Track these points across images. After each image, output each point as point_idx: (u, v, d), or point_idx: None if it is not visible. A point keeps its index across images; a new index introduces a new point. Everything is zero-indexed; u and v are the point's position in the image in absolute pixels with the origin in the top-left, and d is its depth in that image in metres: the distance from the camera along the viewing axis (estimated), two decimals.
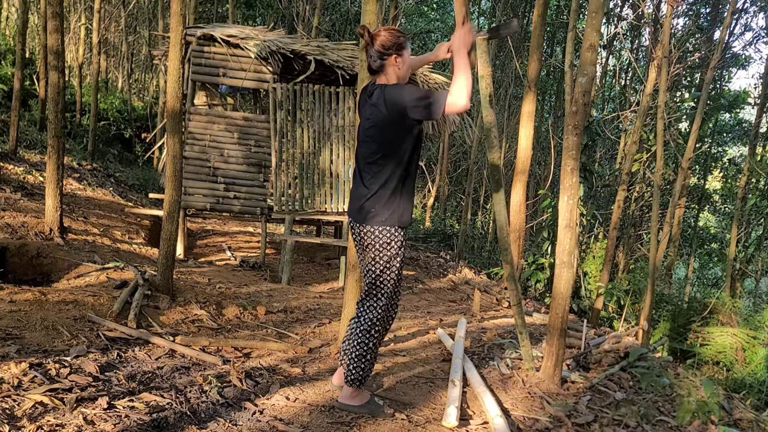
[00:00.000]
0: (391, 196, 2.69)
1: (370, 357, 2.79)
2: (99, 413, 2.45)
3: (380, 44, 2.68)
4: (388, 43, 2.68)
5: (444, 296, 6.89)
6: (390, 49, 2.68)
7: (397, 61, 2.70)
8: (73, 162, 10.41)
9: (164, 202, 4.51)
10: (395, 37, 2.70)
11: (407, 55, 2.73)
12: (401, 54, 2.70)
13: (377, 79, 2.77)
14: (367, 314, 2.79)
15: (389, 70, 2.72)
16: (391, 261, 2.74)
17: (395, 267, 2.76)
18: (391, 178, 2.68)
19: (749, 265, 13.64)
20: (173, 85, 4.42)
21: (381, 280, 2.76)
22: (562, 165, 3.45)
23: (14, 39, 13.73)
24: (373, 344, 2.78)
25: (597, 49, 3.45)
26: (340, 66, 7.08)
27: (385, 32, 2.71)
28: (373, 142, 2.69)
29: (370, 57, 2.73)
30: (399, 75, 2.73)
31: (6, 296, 3.76)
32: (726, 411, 3.34)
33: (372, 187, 2.69)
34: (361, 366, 2.78)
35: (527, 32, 15.27)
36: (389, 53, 2.68)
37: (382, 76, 2.74)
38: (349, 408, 2.85)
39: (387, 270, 2.75)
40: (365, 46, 2.76)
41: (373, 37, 2.70)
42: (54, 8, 5.76)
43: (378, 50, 2.69)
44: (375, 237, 2.71)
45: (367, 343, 2.77)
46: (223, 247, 8.59)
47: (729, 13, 8.96)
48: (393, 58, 2.69)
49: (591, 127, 8.67)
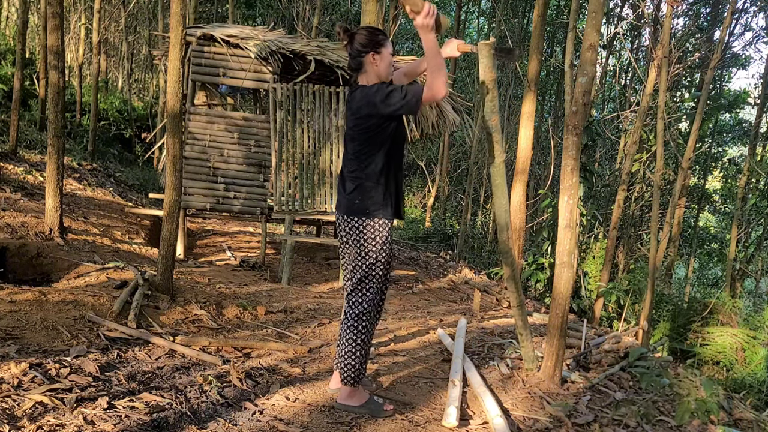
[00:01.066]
0: (374, 189, 2.75)
1: (361, 354, 2.78)
2: (99, 413, 2.45)
3: (358, 42, 2.74)
4: (364, 40, 2.73)
5: (444, 296, 6.89)
6: (367, 46, 2.72)
7: (374, 58, 2.73)
8: (73, 162, 10.41)
9: (164, 202, 4.51)
10: (372, 34, 2.75)
11: (386, 53, 2.75)
12: (379, 51, 2.73)
13: (359, 79, 2.82)
14: (353, 309, 2.80)
15: (368, 68, 2.76)
16: (378, 255, 2.77)
17: (381, 260, 2.79)
18: (372, 172, 2.74)
19: (749, 265, 13.64)
20: (173, 85, 4.42)
21: (368, 274, 2.78)
22: (562, 165, 3.45)
23: (14, 39, 13.73)
24: (362, 339, 2.78)
25: (597, 49, 3.45)
26: (340, 66, 7.08)
27: (363, 31, 2.77)
28: (353, 141, 2.77)
29: (349, 55, 2.79)
30: (379, 73, 2.76)
31: (6, 296, 3.76)
32: (726, 411, 3.34)
33: (355, 182, 2.76)
34: (352, 363, 2.78)
35: (527, 32, 15.27)
36: (366, 50, 2.73)
37: (363, 76, 2.79)
38: (349, 408, 2.85)
39: (374, 264, 2.78)
40: (345, 46, 2.80)
41: (351, 37, 2.75)
42: (54, 8, 5.75)
43: (356, 48, 2.74)
44: (360, 230, 2.75)
45: (354, 339, 2.77)
46: (223, 247, 8.59)
47: (729, 13, 8.96)
48: (371, 55, 2.73)
49: (591, 127, 8.67)
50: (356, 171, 2.77)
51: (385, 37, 2.77)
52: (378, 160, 2.75)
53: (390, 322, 4.97)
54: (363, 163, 2.75)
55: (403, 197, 2.95)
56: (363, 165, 2.75)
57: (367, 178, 2.75)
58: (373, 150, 2.74)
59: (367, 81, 2.78)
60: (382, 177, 2.77)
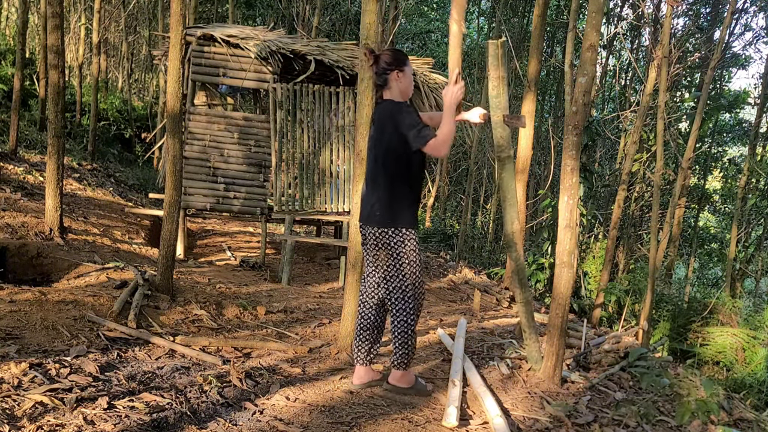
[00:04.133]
0: (398, 200, 2.99)
1: (412, 342, 3.11)
2: (99, 413, 2.45)
3: (383, 61, 3.04)
4: (390, 59, 3.03)
5: (444, 296, 6.89)
6: (392, 64, 3.02)
7: (398, 75, 3.03)
8: (73, 162, 10.41)
9: (164, 202, 4.51)
10: (396, 54, 3.06)
11: (408, 72, 3.06)
12: (402, 69, 3.03)
13: (384, 94, 3.09)
14: (403, 307, 3.06)
15: (392, 85, 3.04)
16: (408, 260, 3.02)
17: (414, 264, 3.04)
18: (397, 183, 2.99)
19: (749, 265, 13.64)
20: (173, 85, 4.42)
21: (408, 278, 3.04)
22: (562, 165, 3.45)
23: (14, 39, 13.73)
24: (412, 330, 3.10)
25: (597, 49, 3.45)
26: (340, 66, 7.08)
27: (388, 51, 3.09)
28: (380, 151, 3.01)
29: (375, 74, 3.09)
30: (401, 89, 3.06)
31: (6, 296, 3.76)
32: (726, 411, 3.34)
33: (380, 192, 3.01)
34: (406, 351, 3.10)
35: (527, 32, 15.27)
36: (391, 68, 3.02)
37: (387, 91, 3.07)
38: (398, 389, 3.16)
39: (411, 268, 3.03)
40: (370, 66, 3.14)
41: (377, 57, 3.06)
42: (54, 8, 5.75)
43: (382, 66, 3.04)
44: (391, 240, 3.00)
45: (406, 331, 3.07)
46: (223, 247, 8.59)
47: (729, 13, 8.96)
48: (395, 73, 3.02)
49: (591, 127, 8.66)
50: (382, 183, 3.00)
51: (407, 58, 3.08)
52: (403, 174, 2.99)
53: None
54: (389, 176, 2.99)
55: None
56: (388, 177, 2.99)
57: (393, 189, 2.99)
58: (399, 162, 2.97)
59: (391, 96, 3.06)
60: (407, 189, 3.01)
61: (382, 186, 2.99)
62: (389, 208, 2.98)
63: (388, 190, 2.98)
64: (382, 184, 2.99)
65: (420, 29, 19.09)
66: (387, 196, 2.98)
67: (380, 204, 2.99)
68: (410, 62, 3.09)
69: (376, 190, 3.01)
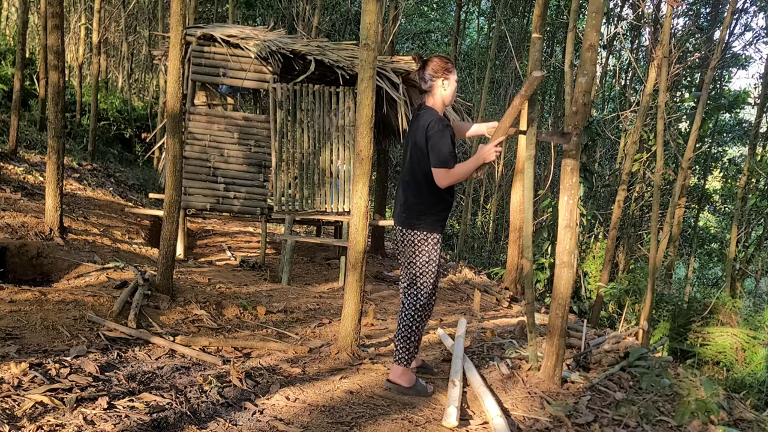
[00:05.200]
0: (425, 204, 3.10)
1: (414, 339, 3.18)
2: (99, 413, 2.45)
3: (431, 68, 3.12)
4: (437, 67, 3.12)
5: (444, 296, 6.89)
6: (438, 72, 3.11)
7: (444, 83, 3.13)
8: (73, 162, 10.40)
9: (164, 202, 4.51)
10: (444, 62, 3.14)
11: (453, 80, 3.15)
12: (448, 78, 3.13)
13: (426, 99, 3.19)
14: (412, 303, 3.19)
15: (436, 92, 3.14)
16: (429, 261, 3.14)
17: (432, 266, 3.14)
18: (425, 188, 3.09)
19: (749, 265, 13.64)
20: (173, 85, 4.42)
21: (420, 278, 3.16)
22: (562, 165, 3.45)
23: (14, 39, 13.73)
24: (416, 327, 3.18)
25: (597, 49, 3.45)
26: (340, 66, 7.07)
27: (436, 58, 3.17)
28: (414, 159, 3.11)
29: (421, 79, 3.17)
30: (444, 96, 3.15)
31: (6, 296, 3.76)
32: (726, 411, 3.34)
33: (408, 194, 3.13)
34: (406, 346, 3.17)
35: (527, 32, 15.27)
36: (438, 76, 3.11)
37: (429, 98, 3.17)
38: (398, 388, 3.20)
39: (425, 268, 3.14)
40: (417, 70, 3.20)
41: (425, 63, 3.14)
42: (54, 8, 5.75)
43: (429, 73, 3.12)
44: (412, 240, 3.13)
45: (410, 326, 3.16)
46: (223, 247, 8.59)
47: (729, 13, 8.95)
48: (441, 80, 3.12)
49: (591, 127, 8.66)
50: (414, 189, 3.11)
51: (454, 66, 3.16)
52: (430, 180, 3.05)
53: (390, 322, 4.97)
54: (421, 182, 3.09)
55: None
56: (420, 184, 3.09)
57: (422, 195, 3.09)
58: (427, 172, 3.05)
59: (433, 103, 3.15)
60: (436, 197, 3.09)
61: (412, 188, 3.12)
62: (414, 210, 3.10)
63: (416, 194, 3.10)
64: (412, 186, 3.12)
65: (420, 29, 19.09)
66: (414, 199, 3.11)
67: (407, 206, 3.13)
68: (456, 72, 3.18)
69: (407, 191, 3.15)
